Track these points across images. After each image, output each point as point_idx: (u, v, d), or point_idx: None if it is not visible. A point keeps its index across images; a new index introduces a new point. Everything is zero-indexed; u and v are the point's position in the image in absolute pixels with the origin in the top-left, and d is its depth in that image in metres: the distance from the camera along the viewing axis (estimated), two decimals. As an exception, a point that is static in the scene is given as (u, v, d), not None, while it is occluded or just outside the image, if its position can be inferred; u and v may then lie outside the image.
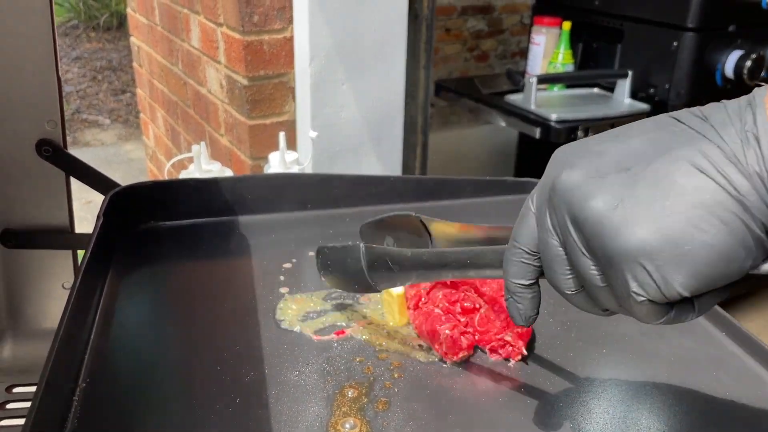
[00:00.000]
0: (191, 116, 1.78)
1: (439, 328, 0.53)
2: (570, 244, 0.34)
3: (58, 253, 0.78)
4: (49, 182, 0.75)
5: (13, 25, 0.68)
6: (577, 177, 0.33)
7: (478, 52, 2.85)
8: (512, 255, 0.38)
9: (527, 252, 0.37)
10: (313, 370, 0.53)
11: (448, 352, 0.53)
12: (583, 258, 0.33)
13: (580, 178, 0.33)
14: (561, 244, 0.35)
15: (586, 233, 0.32)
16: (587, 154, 0.34)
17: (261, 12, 1.30)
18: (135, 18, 2.16)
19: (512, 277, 0.38)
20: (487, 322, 0.54)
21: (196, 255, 0.71)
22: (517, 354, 0.54)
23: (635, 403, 0.51)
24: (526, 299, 0.39)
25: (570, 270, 0.35)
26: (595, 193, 0.32)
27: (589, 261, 0.33)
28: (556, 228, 0.34)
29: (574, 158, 0.34)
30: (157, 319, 0.61)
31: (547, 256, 0.36)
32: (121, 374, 0.52)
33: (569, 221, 0.33)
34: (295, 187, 0.80)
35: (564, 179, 0.33)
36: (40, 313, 0.79)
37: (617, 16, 1.76)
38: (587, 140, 0.36)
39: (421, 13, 1.45)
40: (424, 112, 1.55)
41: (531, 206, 0.37)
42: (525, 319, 0.39)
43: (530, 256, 0.37)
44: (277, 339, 0.56)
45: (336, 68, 1.33)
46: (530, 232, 0.37)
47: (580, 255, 0.33)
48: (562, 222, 0.34)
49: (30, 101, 0.71)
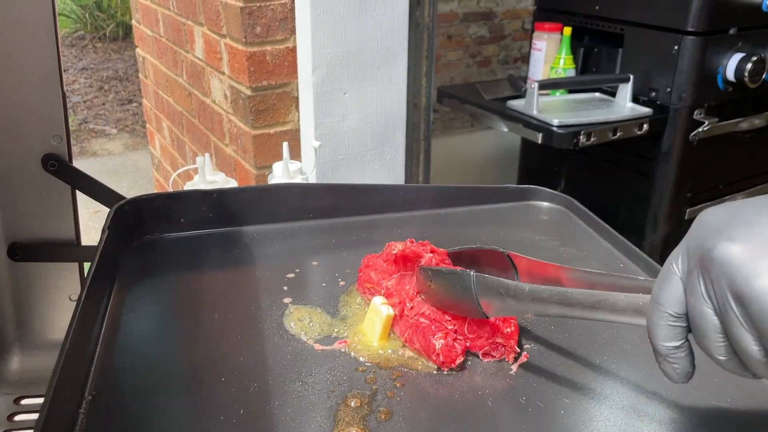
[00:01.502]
0: (196, 126, 1.79)
1: (433, 339, 0.54)
2: (730, 317, 0.34)
3: (64, 265, 0.79)
4: (55, 196, 0.76)
5: (18, 42, 0.69)
6: (739, 251, 0.33)
7: (480, 58, 2.86)
8: (658, 318, 0.38)
9: (674, 315, 0.37)
10: (316, 381, 0.53)
11: (446, 361, 0.54)
12: (744, 333, 0.33)
13: (743, 254, 0.33)
14: (716, 313, 0.35)
15: (752, 310, 0.32)
16: (745, 225, 0.34)
17: (263, 23, 1.31)
18: (140, 30, 2.18)
19: (662, 341, 0.38)
20: (477, 328, 0.55)
21: (200, 266, 0.71)
22: (512, 353, 0.55)
23: (637, 410, 0.51)
24: (681, 359, 0.38)
25: (723, 338, 0.35)
26: (762, 271, 0.32)
27: (751, 336, 0.33)
28: (713, 299, 0.34)
29: (731, 229, 0.34)
30: (162, 330, 0.61)
31: (700, 323, 0.36)
32: (127, 386, 0.53)
33: (730, 295, 0.33)
34: (297, 196, 0.80)
35: (723, 252, 0.33)
36: (47, 325, 0.80)
37: (618, 21, 1.76)
38: (740, 206, 0.35)
39: (422, 22, 1.46)
40: (427, 120, 1.56)
41: (676, 270, 0.37)
42: (684, 377, 0.39)
43: (677, 318, 0.37)
44: (280, 349, 0.57)
45: (338, 77, 1.34)
46: (677, 296, 0.37)
47: (742, 329, 0.33)
48: (722, 294, 0.34)
49: (35, 117, 0.72)
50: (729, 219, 0.35)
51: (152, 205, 0.75)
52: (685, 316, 0.37)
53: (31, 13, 0.68)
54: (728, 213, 0.35)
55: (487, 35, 2.84)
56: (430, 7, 1.46)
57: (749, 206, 0.35)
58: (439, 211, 0.84)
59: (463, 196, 0.85)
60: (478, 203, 0.86)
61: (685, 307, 0.37)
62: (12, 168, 0.74)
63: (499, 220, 0.84)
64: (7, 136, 0.72)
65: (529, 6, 2.84)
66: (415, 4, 1.43)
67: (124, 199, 0.74)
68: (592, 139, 1.61)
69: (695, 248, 0.36)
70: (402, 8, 1.37)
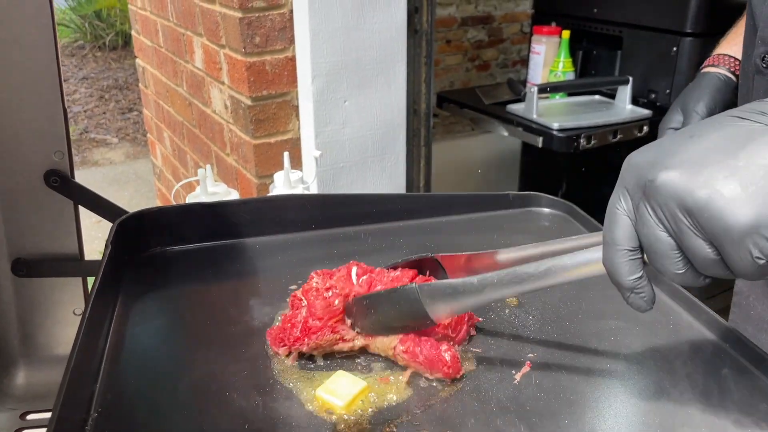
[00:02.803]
0: (197, 136, 1.80)
1: (442, 350, 0.54)
2: (683, 230, 0.38)
3: (68, 280, 0.79)
4: (58, 211, 0.76)
5: (18, 59, 0.69)
6: (677, 175, 0.38)
7: (479, 62, 2.87)
8: (618, 257, 0.42)
9: (630, 250, 0.42)
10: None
11: (454, 371, 0.54)
12: (698, 240, 0.37)
13: (681, 175, 0.37)
14: (669, 233, 0.39)
15: (701, 219, 0.37)
16: (673, 155, 0.39)
17: (262, 33, 1.32)
18: (140, 40, 2.19)
19: (627, 276, 0.42)
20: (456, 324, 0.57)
21: (203, 279, 0.72)
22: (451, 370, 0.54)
23: (641, 418, 0.51)
24: (645, 287, 0.43)
25: (679, 253, 0.39)
26: (701, 185, 0.37)
27: (704, 242, 0.37)
28: (664, 221, 0.39)
29: (664, 160, 0.39)
30: (167, 344, 0.62)
31: (656, 246, 0.40)
32: (133, 402, 0.53)
33: (679, 212, 0.38)
34: (298, 208, 0.81)
35: (665, 179, 0.38)
36: (52, 339, 0.81)
37: (616, 23, 1.77)
38: (659, 144, 0.41)
39: (421, 28, 1.46)
40: (427, 125, 1.56)
41: (621, 210, 0.42)
42: (651, 303, 0.43)
43: (633, 251, 0.42)
44: (284, 361, 0.57)
45: (338, 86, 1.35)
46: (628, 233, 0.41)
47: (695, 238, 0.38)
48: (672, 213, 0.38)
49: (37, 133, 0.73)
50: (657, 154, 0.40)
51: (154, 219, 0.75)
52: (639, 248, 0.41)
53: (31, 31, 0.69)
54: (654, 150, 0.40)
55: (485, 39, 2.85)
56: (428, 13, 1.47)
57: (667, 141, 0.40)
58: (441, 219, 0.85)
59: (464, 203, 0.86)
60: (478, 210, 0.86)
61: (637, 240, 0.41)
62: (15, 184, 0.74)
63: (499, 227, 0.84)
64: (10, 152, 0.73)
65: (527, 9, 2.85)
66: (414, 10, 1.44)
67: (126, 213, 0.75)
68: (592, 142, 1.61)
69: (634, 186, 0.40)
70: (400, 15, 1.37)
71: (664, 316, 0.64)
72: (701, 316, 0.62)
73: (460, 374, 0.54)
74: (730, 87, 0.81)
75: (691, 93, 0.79)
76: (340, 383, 0.53)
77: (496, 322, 0.63)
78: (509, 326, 0.62)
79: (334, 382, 0.53)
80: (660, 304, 0.66)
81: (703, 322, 0.62)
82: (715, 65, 0.83)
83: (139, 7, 2.07)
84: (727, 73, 0.83)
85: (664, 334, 0.61)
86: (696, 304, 0.63)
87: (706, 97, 0.80)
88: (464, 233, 0.83)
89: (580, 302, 0.66)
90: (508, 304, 0.66)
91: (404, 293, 0.53)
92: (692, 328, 0.62)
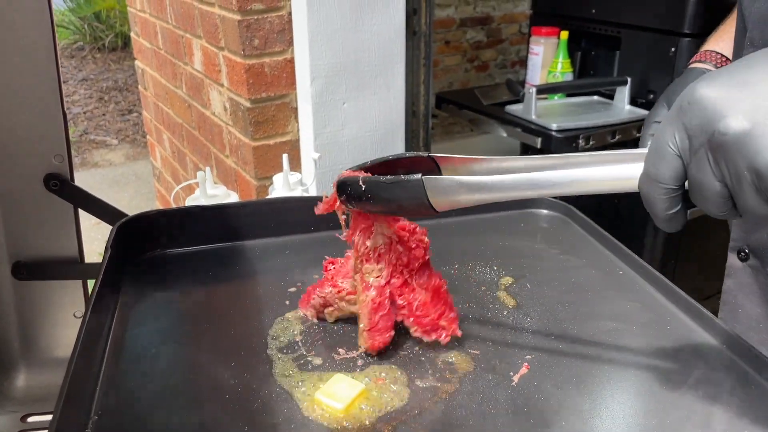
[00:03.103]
0: (197, 138, 1.80)
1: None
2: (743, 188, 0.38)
3: (68, 283, 0.80)
4: (58, 215, 0.76)
5: (18, 64, 0.70)
6: (750, 131, 0.37)
7: (478, 62, 2.87)
8: (660, 194, 0.42)
9: (674, 188, 0.42)
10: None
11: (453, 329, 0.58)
12: (757, 198, 0.38)
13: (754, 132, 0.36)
14: (726, 184, 0.39)
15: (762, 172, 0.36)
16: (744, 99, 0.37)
17: (261, 35, 1.32)
18: (139, 42, 2.19)
19: (665, 211, 0.42)
20: (429, 308, 0.58)
21: (202, 281, 0.72)
22: (448, 336, 0.59)
23: (640, 420, 0.51)
24: (680, 216, 0.43)
25: (729, 201, 0.40)
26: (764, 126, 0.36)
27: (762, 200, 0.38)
28: (725, 175, 0.38)
29: (734, 104, 0.37)
30: (167, 346, 0.62)
31: (706, 194, 0.40)
32: (133, 405, 0.54)
33: (747, 171, 0.37)
34: (297, 210, 0.81)
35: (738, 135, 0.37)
36: (52, 342, 0.81)
37: (614, 24, 1.77)
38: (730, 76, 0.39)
39: (419, 30, 1.47)
40: (426, 127, 1.57)
41: (673, 149, 0.41)
42: (682, 226, 0.44)
43: (676, 190, 0.42)
44: (284, 363, 0.57)
45: (337, 88, 1.35)
46: (677, 172, 0.41)
47: (754, 195, 0.37)
48: (737, 171, 0.37)
49: (37, 137, 0.73)
50: (729, 93, 0.38)
51: (154, 221, 0.75)
52: (682, 187, 0.42)
53: (30, 35, 0.69)
54: (725, 87, 0.38)
55: (484, 40, 2.85)
56: (426, 14, 1.47)
57: (740, 73, 0.39)
58: (439, 221, 0.85)
59: (463, 205, 0.86)
60: (477, 212, 0.86)
61: (683, 180, 0.41)
62: (14, 188, 0.75)
63: (498, 228, 0.84)
64: (9, 156, 0.73)
65: (526, 10, 2.85)
66: (412, 12, 1.44)
67: (126, 216, 0.75)
68: (591, 142, 1.61)
69: (698, 129, 0.39)
70: (398, 17, 1.38)
71: (660, 317, 0.64)
72: (698, 318, 0.62)
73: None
74: None
75: (676, 87, 0.79)
76: (339, 386, 0.53)
77: (494, 323, 0.64)
78: (507, 328, 0.63)
79: (333, 385, 0.53)
80: (657, 306, 0.66)
81: (699, 323, 0.62)
82: (702, 61, 0.82)
83: (139, 9, 2.08)
84: (712, 69, 0.83)
85: (661, 336, 0.61)
86: (693, 305, 0.63)
87: None
88: (462, 234, 0.83)
89: (578, 304, 0.67)
90: (506, 305, 0.67)
91: (408, 185, 0.50)
92: (689, 330, 0.62)
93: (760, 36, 0.67)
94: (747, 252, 0.73)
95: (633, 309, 0.66)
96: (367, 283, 0.58)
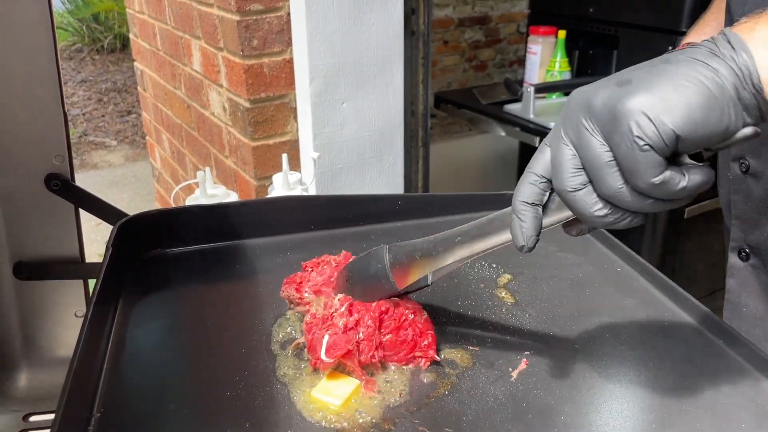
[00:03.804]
0: (196, 139, 1.80)
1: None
2: (582, 133, 0.40)
3: (69, 282, 0.80)
4: (59, 215, 0.77)
5: (19, 65, 0.70)
6: (586, 88, 0.41)
7: (476, 62, 2.88)
8: (525, 179, 0.45)
9: (537, 175, 0.45)
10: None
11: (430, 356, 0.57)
12: (594, 139, 0.40)
13: (588, 88, 0.41)
14: (572, 145, 0.41)
15: (596, 115, 0.40)
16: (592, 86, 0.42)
17: (260, 36, 1.32)
18: (138, 43, 2.20)
19: (520, 197, 0.45)
20: (398, 344, 0.57)
21: (203, 280, 0.72)
22: (429, 361, 0.57)
23: (637, 415, 0.52)
24: (529, 218, 0.45)
25: (577, 169, 0.41)
26: (603, 87, 0.40)
27: (599, 140, 0.40)
28: (569, 133, 0.42)
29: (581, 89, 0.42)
30: (168, 345, 0.62)
31: (558, 159, 0.42)
32: (135, 402, 0.54)
33: (582, 117, 0.40)
34: (297, 209, 0.81)
35: (575, 96, 0.42)
36: (54, 341, 0.81)
37: (612, 23, 1.78)
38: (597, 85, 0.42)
39: (418, 29, 1.47)
40: (425, 126, 1.57)
41: (546, 142, 0.45)
42: (525, 239, 0.45)
43: (539, 179, 0.44)
44: (284, 361, 0.58)
45: (336, 87, 1.35)
46: (543, 162, 0.44)
47: (591, 137, 0.40)
48: (576, 121, 0.41)
49: (38, 138, 0.73)
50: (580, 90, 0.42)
51: (154, 221, 0.76)
52: (547, 179, 0.44)
53: (31, 37, 0.69)
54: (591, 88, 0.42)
55: (482, 39, 2.85)
56: (425, 14, 1.48)
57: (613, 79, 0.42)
58: (438, 219, 0.85)
59: (461, 203, 0.86)
60: (476, 210, 0.87)
61: (548, 171, 0.44)
62: (16, 188, 0.75)
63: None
64: (10, 157, 0.74)
65: (524, 9, 2.86)
66: (410, 12, 1.45)
67: (126, 216, 0.76)
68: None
69: (558, 122, 0.43)
70: (397, 17, 1.38)
71: (659, 314, 0.65)
72: (696, 314, 0.63)
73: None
74: None
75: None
76: (334, 383, 0.54)
77: (493, 320, 0.64)
78: (506, 324, 0.63)
79: (327, 382, 0.54)
80: (655, 303, 0.67)
81: (697, 319, 0.63)
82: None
83: (137, 10, 2.08)
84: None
85: (659, 331, 0.62)
86: (691, 301, 0.64)
87: None
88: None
89: (576, 300, 0.67)
90: (504, 302, 0.67)
91: (374, 254, 0.57)
92: (687, 325, 0.63)
93: None
94: (747, 252, 0.73)
95: (631, 306, 0.66)
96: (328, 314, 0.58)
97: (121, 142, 4.63)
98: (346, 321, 0.55)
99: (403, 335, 0.56)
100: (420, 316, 0.58)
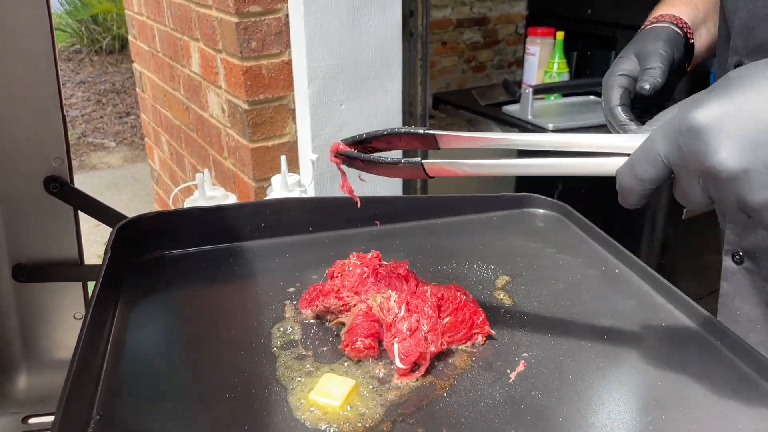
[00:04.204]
0: (195, 140, 1.80)
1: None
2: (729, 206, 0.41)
3: (68, 285, 0.80)
4: (58, 217, 0.77)
5: (17, 67, 0.70)
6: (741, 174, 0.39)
7: (474, 63, 2.88)
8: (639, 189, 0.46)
9: (651, 188, 0.45)
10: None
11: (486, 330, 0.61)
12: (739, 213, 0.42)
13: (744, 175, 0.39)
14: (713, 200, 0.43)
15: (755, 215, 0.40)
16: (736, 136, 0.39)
17: (259, 38, 1.32)
18: (136, 45, 2.20)
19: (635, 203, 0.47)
20: (456, 325, 0.60)
21: (202, 282, 0.72)
22: (485, 335, 0.61)
23: (636, 416, 0.52)
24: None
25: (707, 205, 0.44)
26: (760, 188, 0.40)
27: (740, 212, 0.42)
28: (713, 197, 0.42)
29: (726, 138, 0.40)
30: (167, 347, 0.62)
31: (691, 200, 0.44)
32: (134, 405, 0.54)
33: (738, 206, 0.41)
34: (295, 211, 0.82)
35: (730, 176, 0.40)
36: (53, 344, 0.81)
37: (610, 24, 1.78)
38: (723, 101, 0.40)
39: (416, 31, 1.47)
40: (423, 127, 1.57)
41: (663, 160, 0.44)
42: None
43: (652, 190, 0.46)
44: (283, 363, 0.58)
45: (334, 89, 1.36)
46: (660, 177, 0.45)
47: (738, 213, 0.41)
48: (723, 198, 0.41)
49: (37, 140, 0.73)
50: (724, 129, 0.40)
51: (153, 223, 0.76)
52: (658, 187, 0.45)
53: (29, 39, 0.69)
54: (722, 118, 0.40)
55: (481, 40, 2.86)
56: (423, 16, 1.48)
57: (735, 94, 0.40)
58: (436, 221, 0.86)
59: (459, 205, 0.87)
60: (474, 212, 0.87)
61: (662, 183, 0.45)
62: (15, 190, 0.75)
63: (495, 228, 0.85)
64: (9, 159, 0.74)
65: (522, 10, 2.86)
66: (409, 13, 1.45)
67: (125, 218, 0.76)
68: (587, 142, 1.62)
69: (694, 158, 0.41)
70: (395, 19, 1.38)
71: (656, 315, 0.65)
72: (694, 316, 0.63)
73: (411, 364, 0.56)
74: (681, 39, 0.74)
75: (645, 37, 0.73)
76: (331, 384, 0.54)
77: (492, 320, 0.64)
78: (504, 326, 0.63)
79: (325, 384, 0.54)
80: (653, 304, 0.67)
81: (695, 321, 0.63)
82: (659, 22, 0.77)
83: (136, 12, 2.08)
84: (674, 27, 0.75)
85: (656, 333, 0.62)
86: (689, 303, 0.64)
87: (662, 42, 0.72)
88: (460, 234, 0.84)
89: (574, 302, 0.67)
90: (503, 304, 0.67)
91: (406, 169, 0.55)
92: (685, 328, 0.63)
93: (743, 44, 0.68)
94: (741, 255, 0.73)
95: (629, 307, 0.66)
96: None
97: (120, 143, 4.63)
98: (409, 324, 0.58)
99: (461, 315, 0.60)
100: (468, 296, 0.62)
